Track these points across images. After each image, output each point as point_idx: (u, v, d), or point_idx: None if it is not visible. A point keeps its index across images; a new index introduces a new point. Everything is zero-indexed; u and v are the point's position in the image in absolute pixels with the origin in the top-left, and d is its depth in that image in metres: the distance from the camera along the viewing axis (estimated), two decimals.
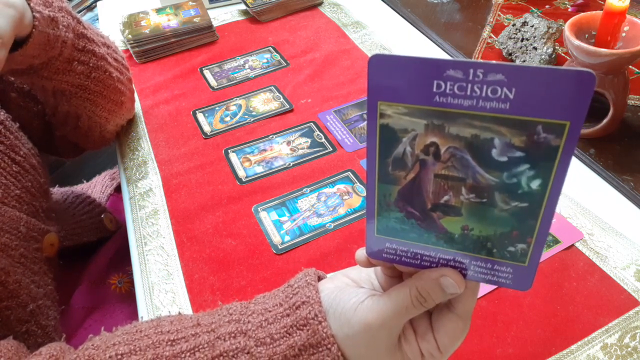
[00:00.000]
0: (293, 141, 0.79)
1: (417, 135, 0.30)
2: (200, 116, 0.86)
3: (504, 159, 0.29)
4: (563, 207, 0.64)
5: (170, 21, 1.02)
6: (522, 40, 0.88)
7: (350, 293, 0.37)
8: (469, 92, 0.28)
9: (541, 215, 0.30)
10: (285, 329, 0.38)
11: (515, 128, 0.28)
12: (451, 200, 0.32)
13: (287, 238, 0.65)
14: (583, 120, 0.27)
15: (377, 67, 0.29)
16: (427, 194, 0.32)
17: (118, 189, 0.94)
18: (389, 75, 0.29)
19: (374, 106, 0.30)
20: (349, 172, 0.73)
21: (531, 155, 0.28)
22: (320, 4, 1.13)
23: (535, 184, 0.29)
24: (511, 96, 0.27)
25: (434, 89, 0.28)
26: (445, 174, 0.31)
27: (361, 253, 0.38)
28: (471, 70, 0.27)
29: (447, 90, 0.28)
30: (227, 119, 0.85)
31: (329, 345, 0.37)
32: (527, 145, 0.28)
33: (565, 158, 0.28)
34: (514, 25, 0.90)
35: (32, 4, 0.56)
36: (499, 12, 1.05)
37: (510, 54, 0.90)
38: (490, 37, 0.98)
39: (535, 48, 0.85)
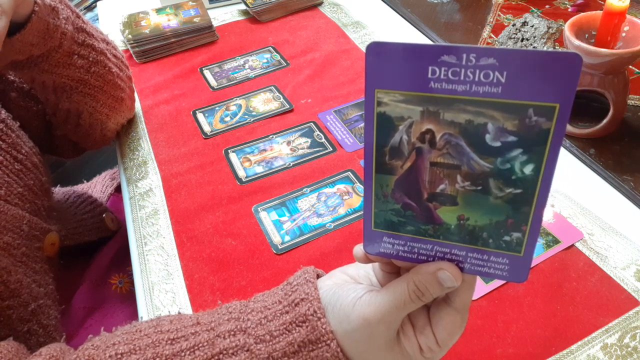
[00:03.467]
0: (293, 141, 0.79)
1: (413, 122, 0.30)
2: (200, 116, 0.86)
3: (498, 144, 0.29)
4: (563, 207, 0.64)
5: (170, 21, 1.02)
6: (522, 40, 0.88)
7: (349, 289, 0.37)
8: (462, 77, 0.28)
9: (535, 202, 0.31)
10: (285, 326, 0.38)
11: (507, 112, 0.28)
12: (447, 189, 0.32)
13: (287, 238, 0.65)
14: (572, 103, 0.27)
15: (375, 55, 0.29)
16: (423, 183, 0.32)
17: (118, 189, 0.94)
18: (386, 63, 0.29)
19: (371, 94, 0.30)
20: (349, 172, 0.73)
21: (523, 139, 0.29)
22: (320, 4, 1.13)
23: (528, 169, 0.30)
24: (503, 80, 0.27)
25: (429, 75, 0.29)
26: (441, 161, 0.31)
27: (359, 249, 0.38)
28: (464, 55, 0.28)
29: (442, 76, 0.28)
30: (227, 119, 0.85)
31: (328, 341, 0.37)
32: (519, 129, 0.28)
33: (556, 141, 0.28)
34: (514, 25, 0.90)
35: None
36: (499, 12, 1.05)
37: None
38: (490, 37, 0.98)
39: (535, 48, 0.86)
